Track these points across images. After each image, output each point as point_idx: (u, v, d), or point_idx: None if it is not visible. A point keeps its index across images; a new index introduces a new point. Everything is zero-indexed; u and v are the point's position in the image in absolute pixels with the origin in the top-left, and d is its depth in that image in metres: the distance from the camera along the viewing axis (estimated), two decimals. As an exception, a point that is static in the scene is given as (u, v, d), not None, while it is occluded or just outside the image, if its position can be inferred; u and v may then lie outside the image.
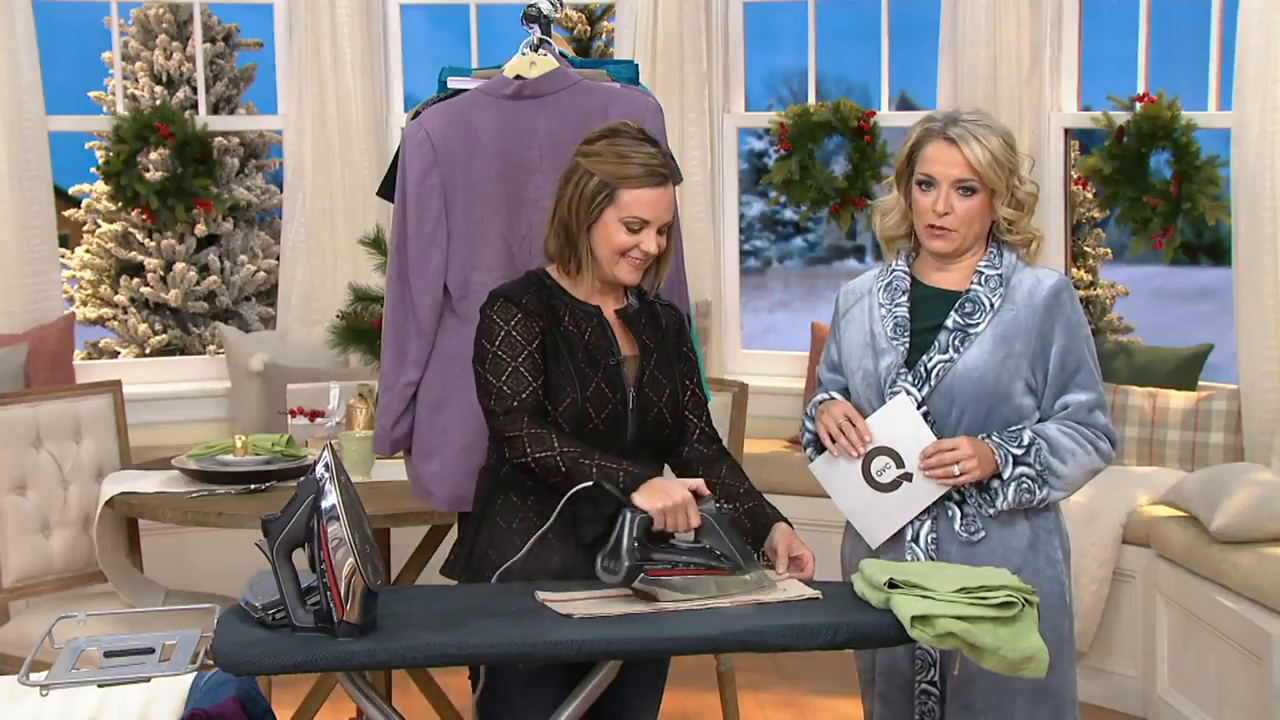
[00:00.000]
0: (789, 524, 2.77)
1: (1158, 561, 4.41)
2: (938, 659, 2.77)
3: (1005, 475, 2.69)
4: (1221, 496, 4.15)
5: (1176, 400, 4.90)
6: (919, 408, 2.72)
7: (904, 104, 6.18)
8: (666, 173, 2.72)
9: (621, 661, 2.52)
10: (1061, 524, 2.83)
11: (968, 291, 2.76)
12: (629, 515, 2.50)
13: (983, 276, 2.77)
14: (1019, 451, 2.69)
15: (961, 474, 2.67)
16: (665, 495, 2.55)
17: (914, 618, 2.37)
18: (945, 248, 2.76)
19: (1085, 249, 7.14)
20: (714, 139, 5.84)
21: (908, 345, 2.76)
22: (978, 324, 2.73)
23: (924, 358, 2.74)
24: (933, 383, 2.72)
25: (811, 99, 5.88)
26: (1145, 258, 5.56)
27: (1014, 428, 2.72)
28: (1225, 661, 4.02)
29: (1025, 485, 2.70)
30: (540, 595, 2.54)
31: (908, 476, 2.71)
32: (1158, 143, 5.15)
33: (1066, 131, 5.47)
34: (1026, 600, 2.42)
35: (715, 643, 2.44)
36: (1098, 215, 6.99)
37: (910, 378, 2.74)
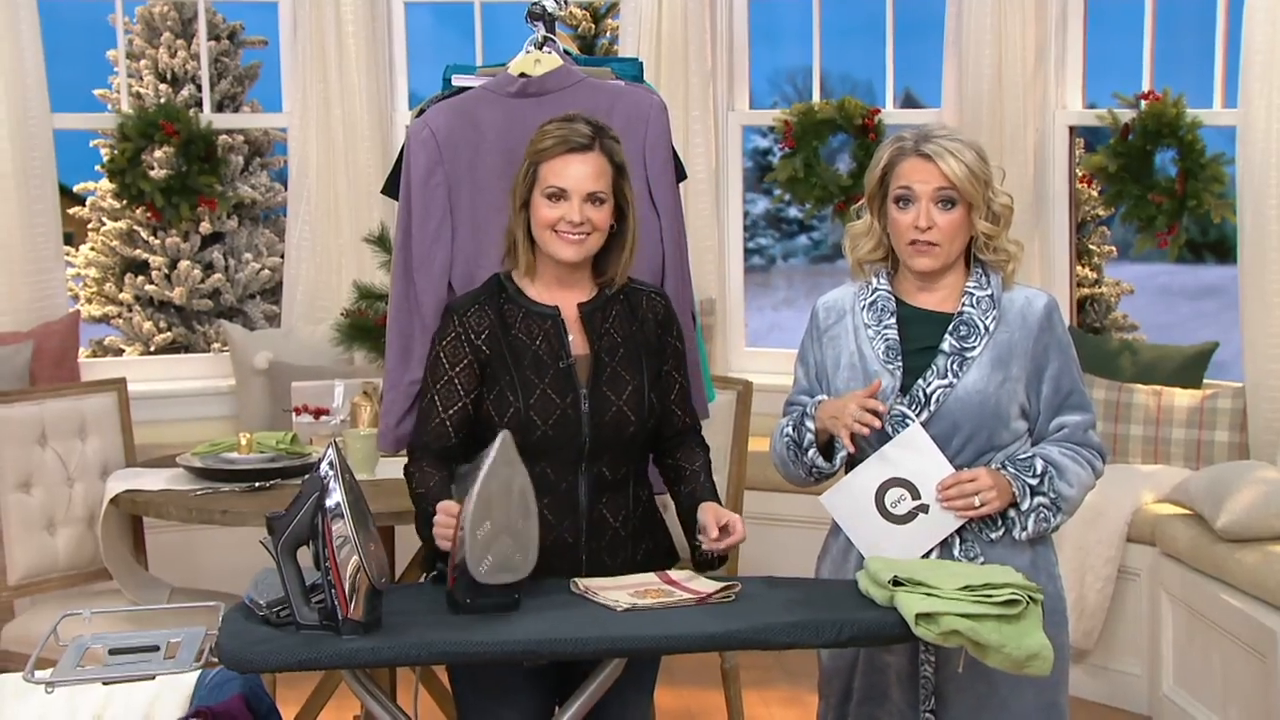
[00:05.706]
0: (717, 501, 2.76)
1: (1163, 560, 4.40)
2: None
3: (1024, 507, 2.64)
4: (1227, 494, 4.14)
5: (1181, 398, 4.89)
6: None
7: (909, 102, 6.17)
8: (586, 142, 2.67)
9: (625, 660, 2.52)
10: (1052, 538, 2.78)
11: (960, 314, 2.69)
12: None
13: (973, 298, 2.70)
14: (1034, 481, 2.65)
15: (982, 505, 2.62)
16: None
17: (918, 615, 2.37)
18: (930, 264, 2.69)
19: (1090, 247, 7.11)
20: (718, 136, 5.84)
21: (901, 369, 2.69)
22: (974, 347, 2.67)
23: (920, 382, 2.66)
24: (932, 408, 2.65)
25: (816, 96, 5.87)
26: (1150, 255, 5.55)
27: (1023, 456, 2.67)
28: (1230, 659, 4.02)
29: (1042, 515, 2.66)
30: (583, 584, 2.55)
31: (924, 508, 2.64)
32: (1163, 140, 5.14)
33: (1071, 129, 5.46)
34: (1031, 598, 2.42)
35: (720, 640, 2.43)
36: (1102, 213, 6.97)
37: (907, 402, 2.67)
